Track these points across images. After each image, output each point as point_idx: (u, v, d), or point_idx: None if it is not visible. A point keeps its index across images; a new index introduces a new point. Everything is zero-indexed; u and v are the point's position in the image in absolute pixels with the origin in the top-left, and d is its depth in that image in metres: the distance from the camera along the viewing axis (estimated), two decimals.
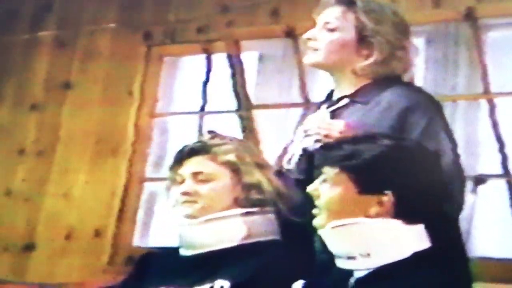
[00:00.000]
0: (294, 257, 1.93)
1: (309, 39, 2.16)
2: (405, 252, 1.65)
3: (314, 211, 1.76)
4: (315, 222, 1.75)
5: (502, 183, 3.04)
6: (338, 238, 1.70)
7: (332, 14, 2.14)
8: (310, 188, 1.76)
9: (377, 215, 1.67)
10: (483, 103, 3.13)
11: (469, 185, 2.77)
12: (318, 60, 2.15)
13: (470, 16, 3.12)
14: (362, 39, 2.12)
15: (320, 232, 1.75)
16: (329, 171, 1.73)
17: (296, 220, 2.04)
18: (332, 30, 2.13)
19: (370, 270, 1.66)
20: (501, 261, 2.95)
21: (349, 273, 1.70)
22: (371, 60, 2.10)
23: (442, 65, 3.22)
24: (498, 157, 3.05)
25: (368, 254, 1.66)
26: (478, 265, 2.69)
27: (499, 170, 3.04)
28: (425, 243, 1.67)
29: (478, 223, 2.94)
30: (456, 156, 2.01)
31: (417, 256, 1.66)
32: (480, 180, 2.97)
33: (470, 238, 2.95)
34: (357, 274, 1.68)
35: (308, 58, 2.18)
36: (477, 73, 3.14)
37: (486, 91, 3.11)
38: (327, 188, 1.72)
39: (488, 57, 3.13)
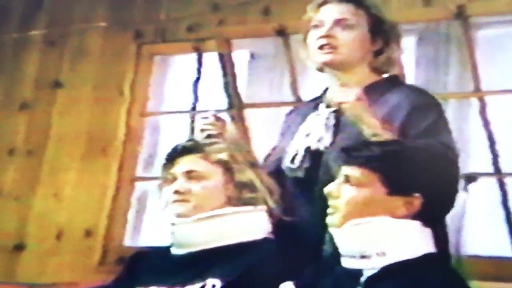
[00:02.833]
0: (285, 255, 1.93)
1: (325, 36, 2.12)
2: (417, 252, 1.69)
3: (329, 210, 1.76)
4: (329, 221, 1.76)
5: (493, 182, 3.05)
6: (355, 236, 1.71)
7: (344, 11, 2.13)
8: (329, 188, 1.77)
9: (404, 216, 1.70)
10: (474, 102, 3.14)
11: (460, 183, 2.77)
12: (340, 58, 2.12)
13: (461, 15, 3.13)
14: (375, 34, 2.13)
15: (333, 231, 1.76)
16: (353, 172, 1.73)
17: (288, 219, 2.04)
18: (349, 27, 2.13)
19: (381, 268, 1.68)
20: (492, 259, 2.96)
21: (357, 272, 1.70)
22: (389, 51, 2.13)
23: (433, 63, 3.23)
24: (489, 155, 3.06)
25: (384, 253, 1.68)
26: (469, 263, 2.71)
27: (490, 168, 3.05)
28: (432, 246, 1.71)
29: (469, 221, 2.95)
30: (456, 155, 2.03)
31: (427, 257, 1.69)
32: (471, 178, 2.98)
33: (461, 236, 2.96)
34: (368, 273, 1.69)
35: (326, 57, 2.13)
36: (468, 72, 3.14)
37: (477, 90, 3.12)
38: (350, 188, 1.73)
39: (479, 55, 3.14)
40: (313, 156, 2.08)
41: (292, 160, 2.12)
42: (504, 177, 3.04)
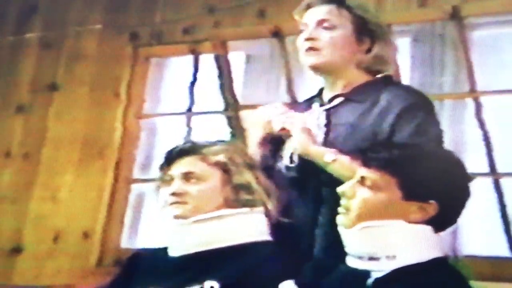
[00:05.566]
0: (283, 257, 1.93)
1: (309, 39, 2.13)
2: (427, 256, 1.69)
3: (340, 209, 1.76)
4: (340, 221, 1.76)
5: (488, 182, 3.06)
6: (366, 238, 1.71)
7: (325, 12, 2.14)
8: (342, 188, 1.76)
9: (417, 221, 1.70)
10: (470, 102, 3.15)
11: None
12: (323, 60, 2.11)
13: (455, 15, 3.14)
14: (360, 33, 2.13)
15: (342, 230, 1.76)
16: (370, 174, 1.72)
17: (286, 221, 2.04)
18: (331, 27, 2.12)
19: (389, 271, 1.68)
20: (488, 259, 2.97)
21: (364, 274, 1.70)
22: (375, 50, 2.12)
23: (428, 64, 3.23)
24: (485, 155, 3.07)
25: (394, 256, 1.68)
26: (465, 263, 2.72)
27: (485, 168, 3.06)
28: (440, 250, 1.72)
29: (465, 221, 2.95)
30: None
31: (436, 261, 1.70)
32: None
33: (458, 236, 2.97)
34: (375, 275, 1.69)
35: (311, 60, 2.13)
36: (463, 72, 3.15)
37: (472, 90, 3.13)
38: (366, 190, 1.72)
39: (474, 56, 3.15)
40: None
41: (291, 160, 2.12)
42: (499, 177, 3.05)
